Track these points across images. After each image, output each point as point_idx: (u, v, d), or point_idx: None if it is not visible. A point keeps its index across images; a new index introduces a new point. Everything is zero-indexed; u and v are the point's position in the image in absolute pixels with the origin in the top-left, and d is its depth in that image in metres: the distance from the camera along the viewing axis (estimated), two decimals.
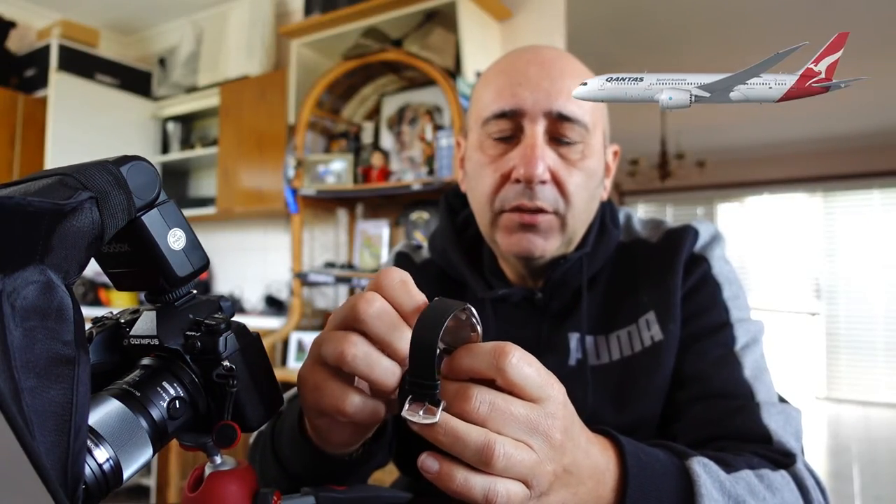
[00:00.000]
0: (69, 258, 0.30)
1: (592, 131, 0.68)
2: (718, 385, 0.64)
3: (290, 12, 3.16)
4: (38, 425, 0.26)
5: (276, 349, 2.50)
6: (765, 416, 0.61)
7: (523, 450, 0.37)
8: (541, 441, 0.38)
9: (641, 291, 0.71)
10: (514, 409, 0.37)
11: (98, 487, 0.32)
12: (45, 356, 0.28)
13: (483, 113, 0.69)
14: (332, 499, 0.46)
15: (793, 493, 0.55)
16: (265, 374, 0.42)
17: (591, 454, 0.43)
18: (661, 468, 0.48)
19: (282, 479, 0.55)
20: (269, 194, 2.91)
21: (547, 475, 0.38)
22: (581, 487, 0.42)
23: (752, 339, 0.67)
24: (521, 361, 0.37)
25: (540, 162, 0.64)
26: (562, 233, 0.68)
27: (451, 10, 2.31)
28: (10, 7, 3.43)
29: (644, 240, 0.76)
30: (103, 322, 0.41)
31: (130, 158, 0.35)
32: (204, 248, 0.40)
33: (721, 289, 0.70)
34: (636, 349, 0.68)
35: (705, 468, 0.50)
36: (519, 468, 0.37)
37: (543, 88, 0.65)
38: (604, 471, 0.44)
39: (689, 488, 0.48)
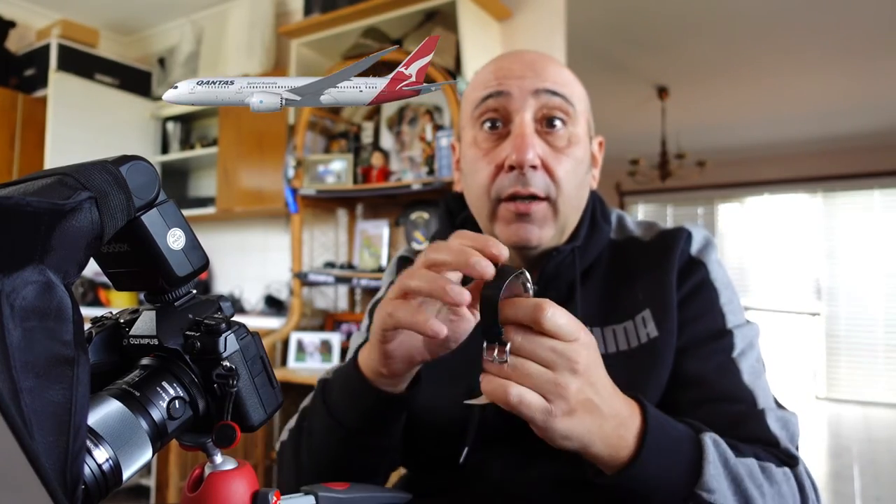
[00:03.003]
0: (68, 258, 0.30)
1: (577, 118, 0.72)
2: (721, 390, 0.66)
3: (290, 12, 3.16)
4: (38, 426, 0.26)
5: (276, 349, 2.50)
6: (770, 422, 0.64)
7: (545, 369, 0.47)
8: (564, 366, 0.47)
9: (637, 288, 0.73)
10: (545, 342, 0.47)
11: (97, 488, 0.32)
12: (45, 356, 0.28)
13: (474, 100, 0.73)
14: (332, 498, 0.46)
15: (791, 490, 0.58)
16: (265, 375, 0.42)
17: (615, 401, 0.51)
18: (677, 433, 0.55)
19: (332, 429, 0.62)
20: (269, 194, 2.90)
21: (567, 395, 0.47)
22: (605, 424, 0.50)
23: (748, 345, 0.70)
24: (555, 314, 0.47)
25: (530, 148, 0.68)
26: (555, 220, 0.71)
27: (451, 9, 2.31)
28: (9, 7, 3.43)
29: (637, 238, 0.78)
30: (103, 322, 0.41)
31: (130, 158, 0.35)
32: (204, 248, 0.40)
33: (719, 294, 0.73)
34: (633, 345, 0.70)
35: (715, 443, 0.55)
36: (536, 380, 0.46)
37: (528, 74, 0.70)
38: (627, 417, 0.52)
39: (698, 457, 0.54)
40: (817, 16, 3.43)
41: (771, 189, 6.59)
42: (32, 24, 3.52)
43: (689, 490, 0.53)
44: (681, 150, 5.09)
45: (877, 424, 5.09)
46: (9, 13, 3.41)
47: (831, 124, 5.56)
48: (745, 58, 4.03)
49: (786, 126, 5.64)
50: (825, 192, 6.30)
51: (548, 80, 0.70)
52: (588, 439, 0.49)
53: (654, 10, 3.39)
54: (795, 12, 3.40)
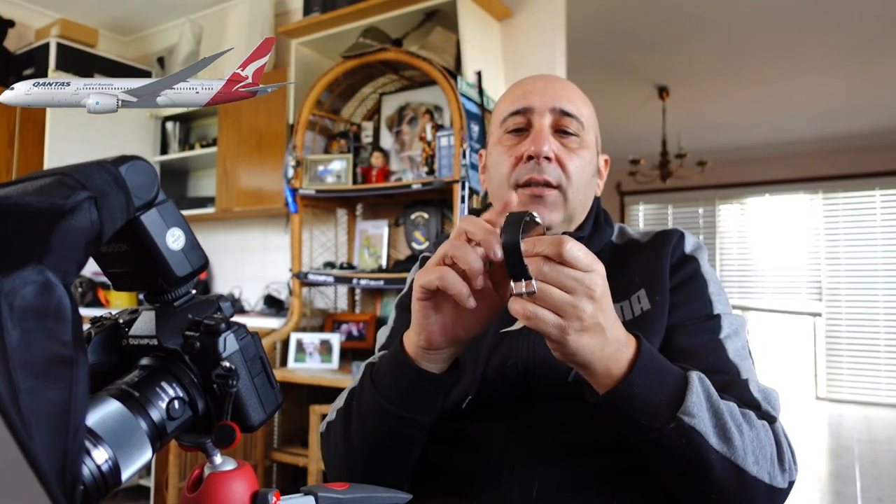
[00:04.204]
0: (67, 258, 0.30)
1: (587, 129, 0.84)
2: (708, 363, 0.72)
3: (290, 11, 3.16)
4: (36, 426, 0.26)
5: (275, 349, 2.50)
6: (752, 389, 0.70)
7: (565, 293, 0.54)
8: (582, 292, 0.54)
9: (633, 274, 0.82)
10: (568, 271, 0.54)
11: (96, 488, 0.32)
12: (44, 356, 0.27)
13: (501, 115, 0.86)
14: (332, 499, 0.46)
15: (768, 436, 0.65)
16: (264, 375, 0.42)
17: (618, 328, 0.58)
18: (666, 365, 0.63)
19: (378, 406, 0.68)
20: (269, 194, 2.90)
21: (583, 316, 0.54)
22: (607, 346, 0.57)
23: (733, 332, 0.76)
24: (573, 247, 0.54)
25: (546, 142, 0.79)
26: (564, 207, 0.81)
27: (451, 9, 2.31)
28: (8, 6, 3.43)
29: (636, 240, 0.88)
30: (102, 322, 0.41)
31: (129, 158, 0.35)
32: (203, 248, 0.40)
33: (707, 285, 0.81)
34: (627, 318, 0.78)
35: (700, 379, 0.62)
36: (558, 302, 0.54)
37: (549, 94, 0.83)
38: (624, 342, 0.59)
39: (683, 386, 0.61)
40: (817, 16, 3.43)
41: (771, 189, 6.59)
42: (31, 24, 3.52)
43: (672, 414, 0.59)
44: (681, 150, 5.09)
45: (878, 425, 5.09)
46: (8, 12, 3.41)
47: (831, 124, 5.56)
48: (746, 58, 4.03)
49: (786, 126, 5.64)
50: (825, 192, 6.30)
51: (563, 100, 0.83)
52: (590, 358, 0.57)
53: (654, 10, 3.39)
54: (796, 12, 3.40)
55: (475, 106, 2.24)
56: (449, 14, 2.35)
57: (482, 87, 2.32)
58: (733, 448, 0.61)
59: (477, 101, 2.27)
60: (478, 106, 2.26)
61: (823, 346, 6.17)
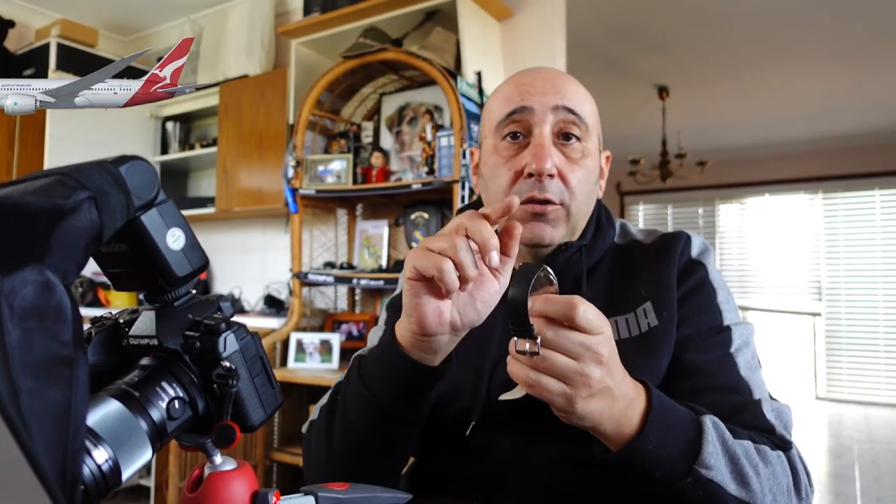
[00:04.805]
0: (68, 258, 0.30)
1: (590, 130, 0.78)
2: (719, 380, 0.70)
3: (290, 11, 3.16)
4: (37, 426, 0.26)
5: (275, 349, 2.50)
6: (765, 411, 0.68)
7: (571, 360, 0.52)
8: (590, 358, 0.52)
9: (639, 285, 0.78)
10: (574, 336, 0.52)
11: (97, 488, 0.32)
12: (44, 357, 0.27)
13: (497, 116, 0.78)
14: (332, 499, 0.46)
15: (784, 471, 0.63)
16: (264, 375, 0.42)
17: (625, 385, 0.56)
18: (679, 414, 0.60)
19: (365, 400, 0.65)
20: (269, 194, 2.90)
21: (591, 383, 0.52)
22: (616, 405, 0.55)
23: (743, 342, 0.74)
24: (587, 311, 0.52)
25: (549, 158, 0.73)
26: (567, 223, 0.77)
27: (451, 9, 2.31)
28: (8, 6, 3.43)
29: (639, 241, 0.84)
30: (102, 322, 0.41)
31: (129, 158, 0.35)
32: (203, 248, 0.40)
33: (716, 293, 0.78)
34: (634, 333, 0.75)
35: (714, 424, 0.60)
36: (564, 370, 0.51)
37: (549, 91, 0.76)
38: (634, 398, 0.57)
39: (698, 436, 0.59)
40: (818, 16, 3.43)
41: (771, 189, 6.59)
42: (31, 24, 3.51)
43: (689, 466, 0.57)
44: (681, 150, 5.09)
45: (878, 425, 5.09)
46: (8, 13, 3.41)
47: (831, 124, 5.56)
48: (746, 58, 4.03)
49: (786, 126, 5.64)
50: (825, 192, 6.30)
51: (565, 97, 0.76)
52: (599, 419, 0.54)
53: (654, 10, 3.39)
54: (796, 12, 3.39)
55: (475, 106, 2.24)
56: (449, 14, 2.35)
57: (482, 87, 2.32)
58: (752, 492, 0.59)
59: (477, 101, 2.27)
60: (478, 106, 2.26)
61: (823, 345, 6.17)
